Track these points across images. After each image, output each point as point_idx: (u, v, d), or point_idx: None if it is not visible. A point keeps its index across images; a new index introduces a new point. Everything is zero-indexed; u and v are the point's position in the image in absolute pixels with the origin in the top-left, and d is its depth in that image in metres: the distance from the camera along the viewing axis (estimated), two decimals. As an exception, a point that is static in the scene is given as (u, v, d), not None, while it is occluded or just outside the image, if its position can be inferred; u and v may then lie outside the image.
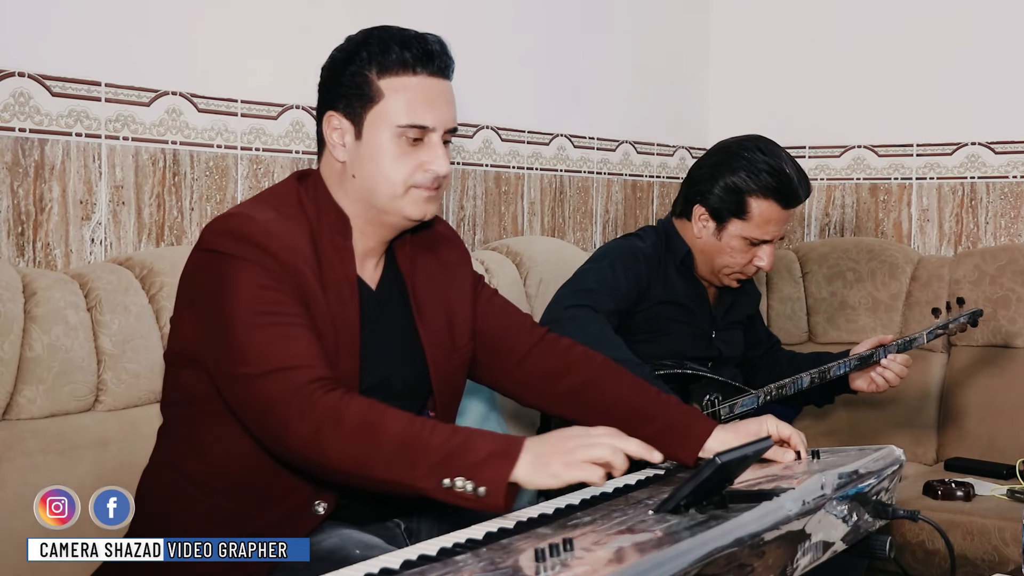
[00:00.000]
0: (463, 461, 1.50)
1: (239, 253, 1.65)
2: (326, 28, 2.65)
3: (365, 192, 1.76)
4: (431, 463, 1.51)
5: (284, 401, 1.57)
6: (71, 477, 1.93)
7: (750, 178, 2.55)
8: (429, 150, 1.75)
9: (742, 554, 1.28)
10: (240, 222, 1.69)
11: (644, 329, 2.59)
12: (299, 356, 1.61)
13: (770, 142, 2.63)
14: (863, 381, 2.63)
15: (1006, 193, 3.60)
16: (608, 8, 3.59)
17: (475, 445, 1.52)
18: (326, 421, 1.55)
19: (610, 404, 1.91)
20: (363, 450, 1.54)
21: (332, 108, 1.77)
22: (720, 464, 1.41)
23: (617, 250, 2.64)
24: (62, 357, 1.98)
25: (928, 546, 2.70)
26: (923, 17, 3.70)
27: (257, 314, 1.62)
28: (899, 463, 1.75)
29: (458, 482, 1.49)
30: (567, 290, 2.51)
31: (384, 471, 1.54)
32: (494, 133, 3.18)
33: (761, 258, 2.61)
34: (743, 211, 2.56)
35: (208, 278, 1.68)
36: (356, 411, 1.56)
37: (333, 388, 1.59)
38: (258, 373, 1.59)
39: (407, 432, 1.54)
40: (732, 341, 2.76)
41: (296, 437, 1.57)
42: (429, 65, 1.75)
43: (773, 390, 2.57)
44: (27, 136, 2.16)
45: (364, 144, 1.75)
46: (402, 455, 1.52)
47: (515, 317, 1.99)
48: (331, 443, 1.55)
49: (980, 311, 2.80)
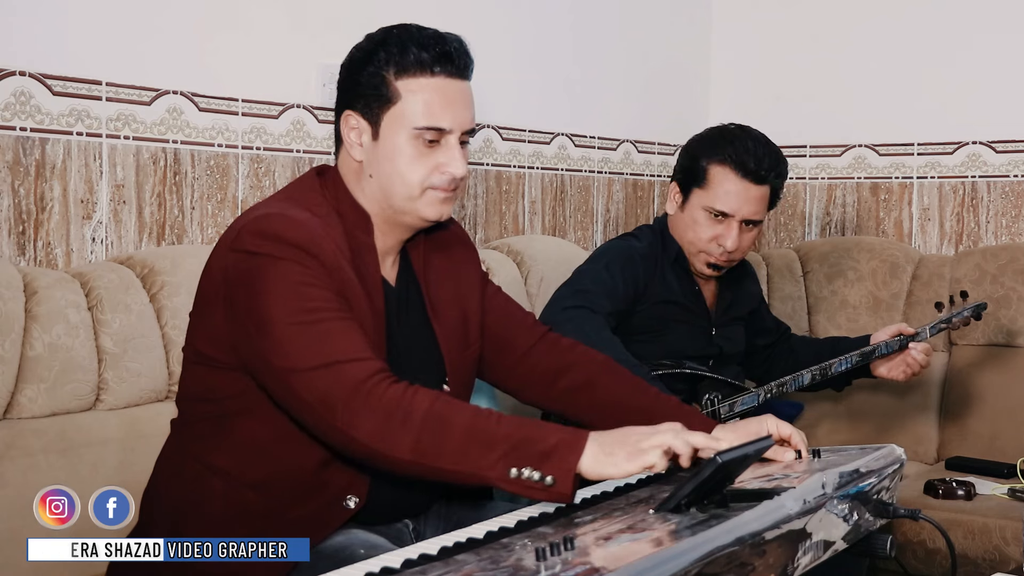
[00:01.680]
0: (531, 451, 1.51)
1: (282, 255, 1.64)
2: (327, 27, 2.66)
3: (382, 192, 1.76)
4: (499, 453, 1.51)
5: (348, 395, 1.57)
6: (72, 476, 1.94)
7: (712, 146, 2.57)
8: (446, 152, 1.75)
9: (743, 553, 1.28)
10: (282, 225, 1.66)
11: (643, 329, 2.59)
12: (355, 350, 1.60)
13: (747, 127, 2.63)
14: (885, 368, 2.66)
15: (1007, 192, 3.60)
16: (609, 7, 3.59)
17: (542, 435, 1.52)
18: (394, 414, 1.55)
19: (609, 403, 1.92)
20: (432, 442, 1.54)
21: (350, 107, 1.77)
22: (721, 463, 1.41)
23: (613, 251, 2.63)
24: (63, 356, 1.98)
25: (929, 545, 2.70)
26: (924, 16, 3.70)
27: (306, 311, 1.61)
28: (900, 462, 1.75)
29: (525, 471, 1.50)
30: (564, 291, 2.52)
31: (452, 462, 1.54)
32: (495, 132, 3.18)
33: (724, 237, 2.56)
34: (702, 178, 2.57)
35: (251, 279, 1.65)
36: (423, 403, 1.56)
37: (396, 380, 1.59)
38: (314, 367, 1.58)
39: (475, 423, 1.55)
40: (733, 338, 2.75)
41: (363, 431, 1.56)
42: (448, 66, 1.75)
43: (773, 388, 2.57)
44: (28, 135, 2.16)
45: (381, 145, 1.74)
46: (471, 446, 1.53)
47: (518, 314, 1.99)
48: (399, 436, 1.55)
49: (984, 304, 2.81)
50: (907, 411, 3.32)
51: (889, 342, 2.64)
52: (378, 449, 1.57)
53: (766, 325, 2.89)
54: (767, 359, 2.87)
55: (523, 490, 1.51)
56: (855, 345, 2.69)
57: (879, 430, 3.29)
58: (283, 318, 1.61)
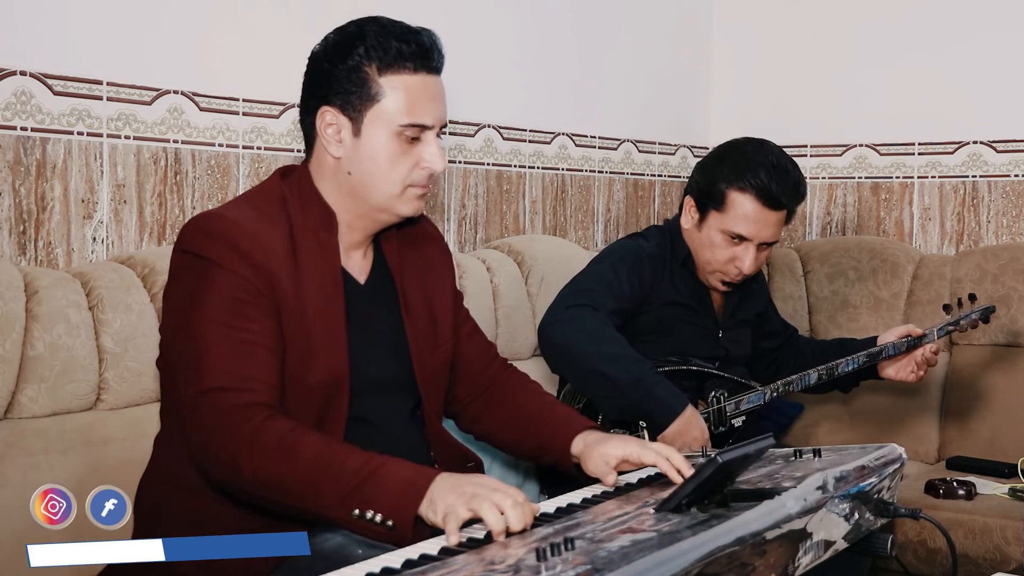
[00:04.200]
0: (373, 493, 1.49)
1: (212, 255, 1.65)
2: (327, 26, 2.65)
3: (361, 189, 1.75)
4: (342, 493, 1.50)
5: (212, 421, 1.57)
6: (73, 476, 1.94)
7: (732, 170, 2.53)
8: (426, 147, 1.75)
9: (743, 553, 1.28)
10: (214, 221, 1.68)
11: (650, 330, 2.59)
12: (243, 378, 1.60)
13: (770, 144, 2.60)
14: (893, 369, 2.66)
15: (1008, 192, 3.60)
16: (610, 7, 3.58)
17: (386, 477, 1.50)
18: (245, 443, 1.55)
19: (508, 410, 1.94)
20: (278, 473, 1.54)
21: (326, 103, 1.75)
22: (721, 463, 1.41)
23: (620, 251, 2.63)
24: (64, 356, 1.98)
25: (930, 545, 2.70)
26: (924, 16, 3.70)
27: (220, 325, 1.62)
28: (901, 461, 1.75)
29: (368, 514, 1.49)
30: (568, 291, 2.52)
31: (297, 497, 1.54)
32: (496, 132, 3.18)
33: (742, 260, 2.55)
34: (720, 202, 2.54)
35: (182, 282, 1.69)
36: (275, 433, 1.55)
37: (265, 414, 1.57)
38: (201, 391, 1.59)
39: (321, 459, 1.53)
40: (740, 340, 2.75)
41: (215, 458, 1.58)
42: (428, 62, 1.74)
43: (780, 387, 2.57)
44: (29, 135, 2.16)
45: (363, 142, 1.73)
46: (314, 482, 1.52)
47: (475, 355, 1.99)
48: (247, 465, 1.54)
49: (992, 308, 2.80)
50: (908, 411, 3.32)
51: (897, 343, 2.63)
52: (229, 479, 1.59)
53: (774, 328, 2.88)
54: (774, 361, 2.87)
55: (365, 531, 1.50)
56: (862, 346, 2.68)
57: (880, 430, 3.29)
58: (203, 331, 1.62)
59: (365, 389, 1.75)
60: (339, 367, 1.72)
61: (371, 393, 1.77)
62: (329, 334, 1.71)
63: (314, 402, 1.70)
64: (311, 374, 1.69)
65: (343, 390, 1.73)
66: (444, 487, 1.47)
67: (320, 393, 1.71)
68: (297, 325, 1.68)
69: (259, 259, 1.65)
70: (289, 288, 1.68)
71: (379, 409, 1.79)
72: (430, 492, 1.47)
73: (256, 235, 1.67)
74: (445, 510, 1.44)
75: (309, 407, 1.70)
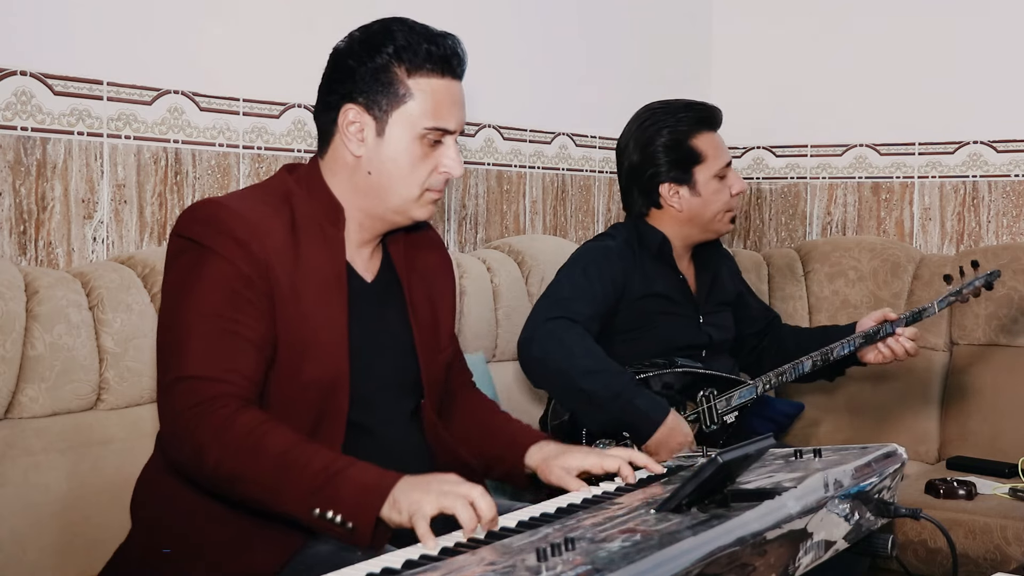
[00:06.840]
0: (335, 493, 1.47)
1: (208, 242, 1.63)
2: (328, 26, 2.65)
3: (379, 189, 1.74)
4: (304, 492, 1.48)
5: (183, 408, 1.56)
6: (73, 476, 1.94)
7: (674, 129, 2.62)
8: (446, 151, 1.75)
9: (744, 553, 1.28)
10: (213, 208, 1.67)
11: (630, 326, 2.59)
12: (222, 369, 1.58)
13: (653, 103, 2.71)
14: (872, 354, 2.62)
15: (1008, 192, 3.60)
16: (610, 7, 3.58)
17: (349, 479, 1.48)
18: (212, 433, 1.53)
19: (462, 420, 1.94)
20: (241, 467, 1.53)
21: (350, 100, 1.73)
22: (722, 463, 1.41)
23: (589, 253, 2.62)
24: (64, 356, 1.98)
25: (930, 544, 2.70)
26: (924, 16, 3.70)
27: (207, 314, 1.60)
28: (901, 461, 1.75)
29: (328, 514, 1.47)
30: (543, 303, 2.51)
31: (258, 492, 1.53)
32: (496, 132, 3.18)
33: (734, 185, 2.66)
34: (698, 155, 2.61)
35: (175, 266, 1.67)
36: (243, 427, 1.53)
37: (236, 406, 1.56)
38: (177, 378, 1.58)
39: (286, 457, 1.51)
40: (722, 324, 2.74)
41: (180, 447, 1.57)
42: (453, 68, 1.74)
43: (772, 379, 2.55)
44: (29, 135, 2.16)
45: (387, 143, 1.72)
46: (277, 479, 1.50)
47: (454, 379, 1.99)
48: (211, 456, 1.53)
49: (997, 272, 2.73)
50: (908, 410, 3.32)
51: (876, 327, 2.61)
52: (192, 471, 1.58)
53: (751, 313, 2.86)
54: (755, 349, 2.85)
55: (326, 530, 1.49)
56: (844, 332, 2.66)
57: (880, 429, 3.29)
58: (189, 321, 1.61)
59: (366, 388, 1.74)
60: (338, 364, 1.70)
61: (372, 392, 1.76)
62: (329, 330, 1.70)
63: (310, 399, 1.68)
64: (306, 370, 1.68)
65: (342, 388, 1.71)
66: (406, 488, 1.46)
67: (316, 390, 1.69)
68: (292, 319, 1.66)
69: (255, 249, 1.64)
70: (286, 280, 1.66)
71: (380, 409, 1.78)
72: (393, 494, 1.46)
73: (255, 225, 1.65)
74: (410, 509, 1.43)
75: (305, 404, 1.68)
